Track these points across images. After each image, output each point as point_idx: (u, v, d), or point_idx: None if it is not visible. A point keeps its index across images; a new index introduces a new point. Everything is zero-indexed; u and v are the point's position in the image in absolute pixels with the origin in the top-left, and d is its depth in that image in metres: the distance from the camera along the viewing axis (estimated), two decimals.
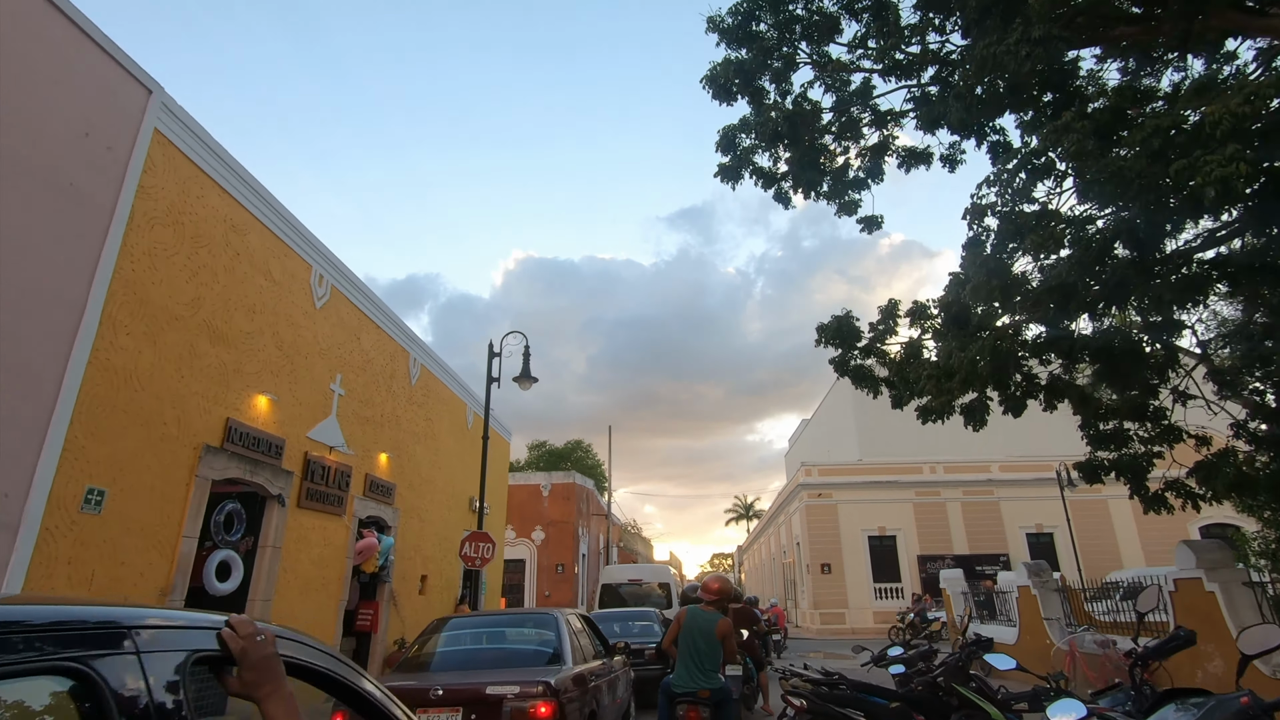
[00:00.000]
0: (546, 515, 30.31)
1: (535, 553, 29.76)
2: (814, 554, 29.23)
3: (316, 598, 9.69)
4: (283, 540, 8.87)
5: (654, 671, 9.62)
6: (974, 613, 12.32)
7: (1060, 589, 10.01)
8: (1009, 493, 29.95)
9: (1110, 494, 29.75)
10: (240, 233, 8.32)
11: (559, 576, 29.38)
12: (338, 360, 10.50)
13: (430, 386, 14.51)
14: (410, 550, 13.14)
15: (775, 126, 6.62)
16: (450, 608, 15.14)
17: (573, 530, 30.16)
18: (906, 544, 29.27)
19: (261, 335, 8.62)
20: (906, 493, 30.05)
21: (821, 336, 8.29)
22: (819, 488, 30.17)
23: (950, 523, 29.56)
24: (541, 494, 30.61)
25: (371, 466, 11.51)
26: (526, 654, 5.12)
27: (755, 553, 58.59)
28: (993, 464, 30.64)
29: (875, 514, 29.75)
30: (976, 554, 28.88)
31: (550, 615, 5.39)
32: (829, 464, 31.88)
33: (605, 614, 12.49)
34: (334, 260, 10.50)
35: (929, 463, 30.85)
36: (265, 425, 8.61)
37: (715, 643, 5.04)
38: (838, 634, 27.46)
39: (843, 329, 8.26)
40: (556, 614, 5.35)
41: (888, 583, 28.80)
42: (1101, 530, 28.88)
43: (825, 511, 29.86)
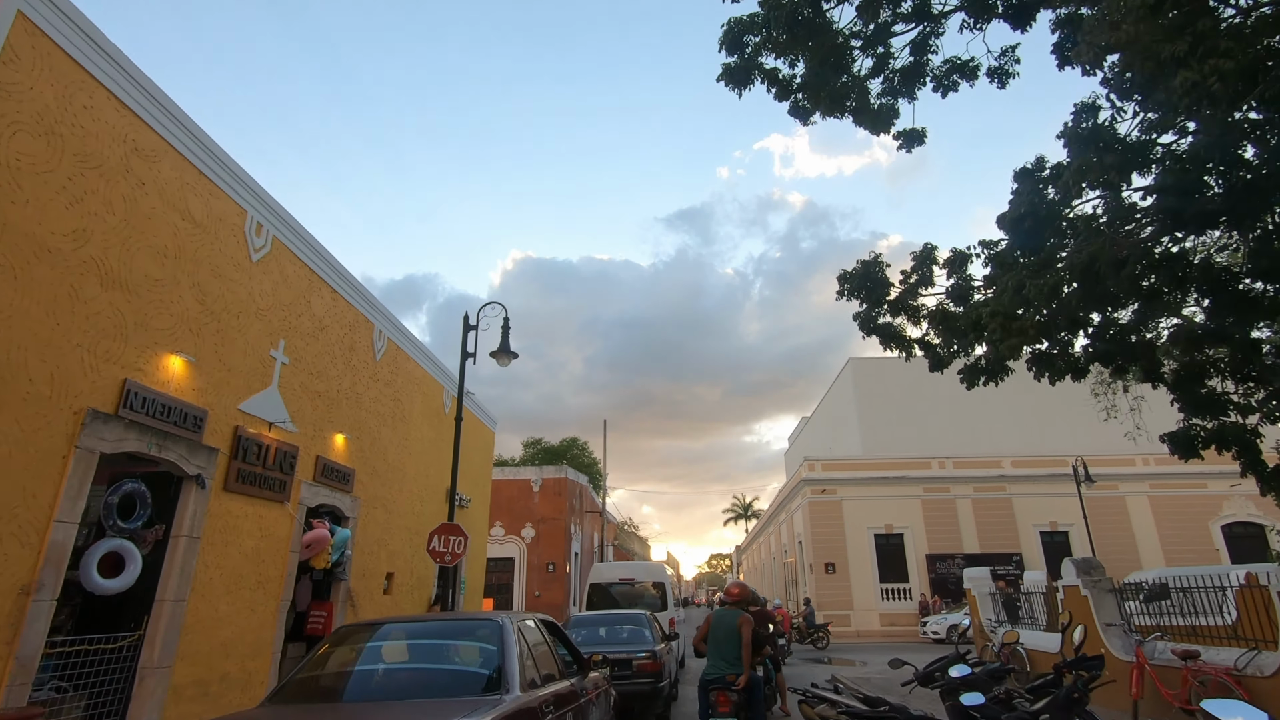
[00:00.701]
0: (537, 512, 28.93)
1: (525, 551, 28.37)
2: (817, 553, 27.86)
3: (250, 597, 8.29)
4: (202, 529, 7.47)
5: (644, 685, 8.24)
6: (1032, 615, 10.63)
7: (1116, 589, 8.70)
8: (1021, 489, 28.60)
9: (1128, 491, 28.44)
10: (147, 159, 6.93)
11: (550, 576, 27.99)
12: (281, 324, 9.11)
13: (400, 364, 13.11)
14: (373, 545, 11.74)
15: (793, 12, 5.27)
16: (422, 608, 13.75)
17: (564, 528, 28.78)
18: (914, 543, 27.91)
19: (176, 285, 7.23)
20: (914, 489, 28.69)
21: (844, 287, 6.93)
22: (822, 483, 28.80)
23: (960, 520, 28.21)
24: (532, 490, 29.23)
25: (324, 448, 10.11)
26: (457, 678, 3.68)
27: (754, 553, 57.21)
28: (1004, 459, 29.29)
29: (881, 511, 28.39)
30: (988, 553, 27.52)
31: (494, 622, 3.85)
32: (833, 458, 30.51)
33: (588, 617, 11.08)
34: (277, 208, 9.10)
35: (938, 458, 29.49)
36: (180, 391, 7.21)
37: (736, 634, 5.83)
38: (842, 637, 26.08)
39: (870, 277, 6.89)
40: (503, 620, 3.84)
41: (895, 583, 27.44)
42: (1119, 529, 27.54)
43: (829, 508, 28.49)
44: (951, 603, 26.49)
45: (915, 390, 39.31)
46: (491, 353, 12.10)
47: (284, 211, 9.26)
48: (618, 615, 10.85)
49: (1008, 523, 28.10)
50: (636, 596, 14.55)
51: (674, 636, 12.37)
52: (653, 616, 10.97)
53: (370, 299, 11.85)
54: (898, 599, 27.21)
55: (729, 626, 5.98)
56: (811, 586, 28.20)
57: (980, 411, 37.89)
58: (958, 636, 22.81)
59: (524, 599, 27.68)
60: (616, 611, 11.54)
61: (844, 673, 13.79)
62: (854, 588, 27.30)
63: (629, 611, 10.99)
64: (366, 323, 11.71)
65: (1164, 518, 27.88)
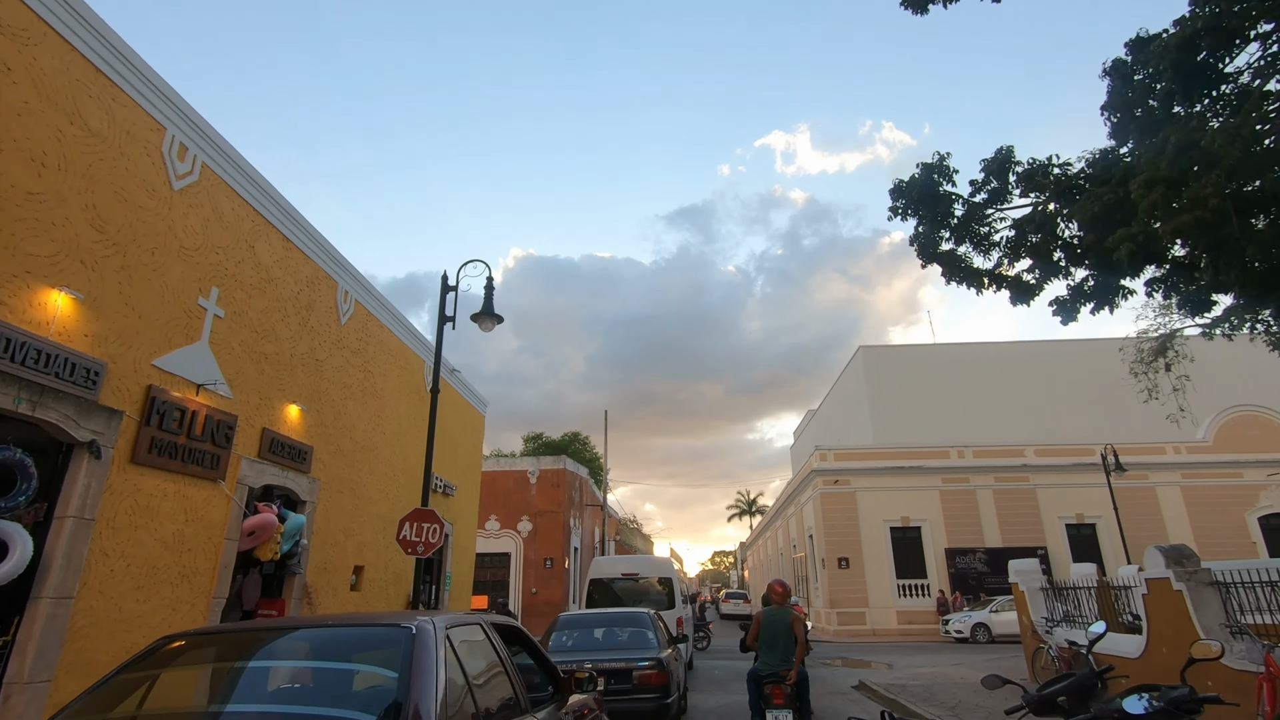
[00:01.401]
0: (534, 505, 27.51)
1: (521, 546, 26.96)
2: (830, 547, 26.39)
3: (171, 593, 6.86)
4: (98, 509, 6.03)
5: (648, 701, 6.78)
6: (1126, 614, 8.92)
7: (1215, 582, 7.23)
8: (1046, 479, 27.08)
9: (1159, 480, 26.91)
10: (16, 39, 5.47)
11: (547, 572, 26.58)
12: (214, 269, 7.65)
13: (371, 332, 11.66)
14: (338, 534, 10.30)
15: None
16: (397, 606, 12.30)
17: (563, 521, 27.36)
18: (933, 536, 26.43)
19: (62, 204, 5.78)
20: (932, 479, 27.20)
21: (898, 202, 5.47)
22: (835, 473, 27.32)
23: (981, 512, 26.71)
24: (529, 481, 27.80)
25: (273, 419, 8.67)
26: None
27: (760, 549, 55.77)
28: (1027, 448, 27.78)
29: (897, 503, 26.91)
30: (1011, 547, 26.02)
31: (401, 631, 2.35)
32: (846, 447, 29.02)
33: (579, 617, 9.57)
34: (209, 131, 7.64)
35: (957, 446, 27.98)
36: (66, 336, 5.77)
37: (789, 632, 6.26)
38: (857, 635, 24.63)
39: (927, 191, 5.40)
40: (418, 626, 2.42)
41: (912, 579, 25.97)
42: (1150, 520, 26.02)
43: (842, 500, 27.01)
44: (973, 599, 25.04)
45: (929, 378, 37.83)
46: (473, 316, 10.64)
47: (219, 137, 7.80)
48: (615, 615, 9.31)
49: (1031, 515, 26.61)
50: (640, 593, 13.33)
51: (682, 639, 11.10)
52: (657, 616, 9.50)
53: (334, 254, 10.39)
54: (915, 595, 25.74)
55: (782, 624, 6.34)
56: (824, 582, 26.75)
57: (997, 400, 36.42)
58: (985, 636, 21.36)
59: (521, 596, 26.28)
60: (614, 610, 10.00)
61: (872, 677, 12.33)
62: (869, 584, 25.84)
63: (629, 610, 9.45)
64: (329, 280, 10.26)
65: (1197, 509, 26.36)
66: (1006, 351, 38.44)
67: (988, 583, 25.48)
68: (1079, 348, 38.34)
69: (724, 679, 13.41)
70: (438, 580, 14.61)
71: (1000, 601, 22.14)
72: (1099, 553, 26.18)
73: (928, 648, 20.32)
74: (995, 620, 21.48)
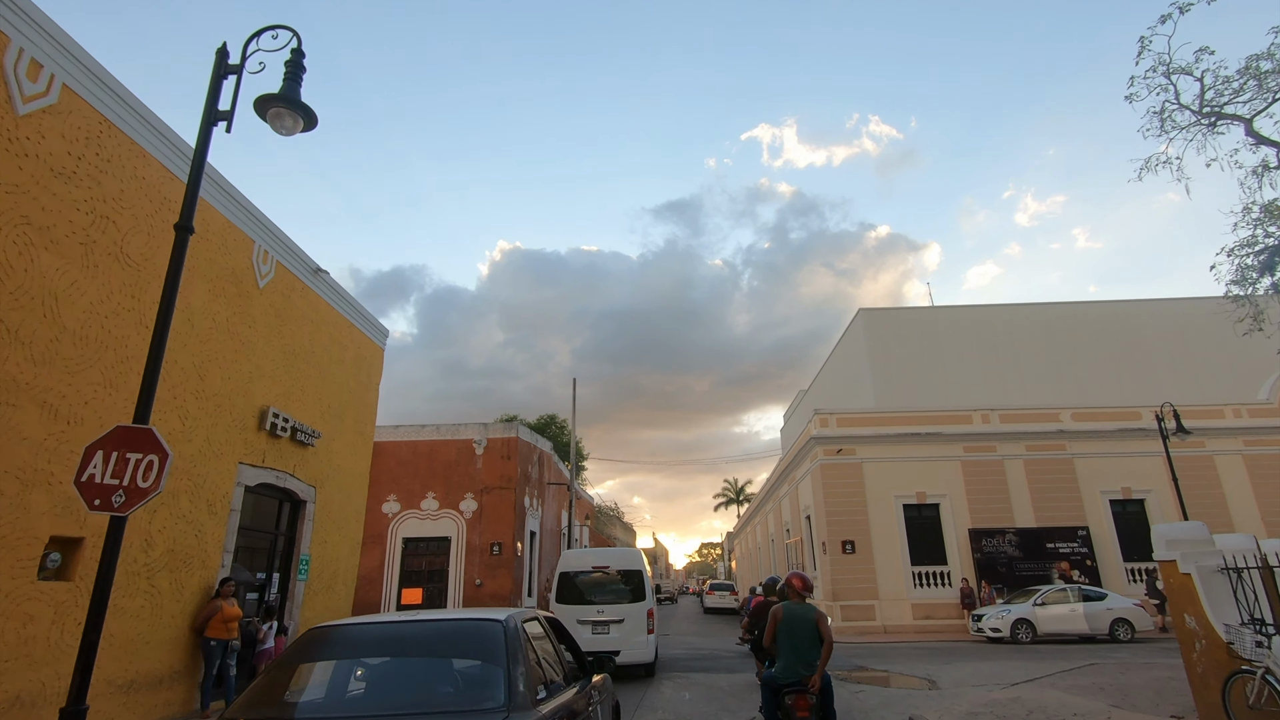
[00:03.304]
0: (481, 480, 23.05)
1: (464, 528, 22.49)
2: (832, 528, 22.15)
3: None
4: None
5: None
6: None
7: None
8: (1085, 448, 22.96)
9: (1217, 449, 22.85)
10: None
11: (494, 560, 22.14)
12: None
13: (115, 155, 7.12)
14: (10, 483, 5.82)
15: None
16: (175, 603, 7.81)
17: (515, 500, 22.90)
18: (954, 514, 22.25)
19: None
20: (952, 448, 23.00)
21: None
22: (838, 441, 23.05)
23: (1010, 487, 22.56)
24: (474, 452, 23.32)
25: None
26: None
27: (748, 537, 51.65)
28: (1062, 411, 23.63)
29: (912, 476, 22.70)
30: (1046, 526, 21.93)
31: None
32: (850, 411, 24.74)
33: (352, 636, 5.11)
34: None
35: (980, 409, 23.78)
36: None
37: (817, 633, 5.47)
38: (865, 634, 20.42)
39: None
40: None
41: (930, 565, 21.79)
42: (1209, 495, 21.99)
43: (847, 473, 22.76)
44: (1003, 589, 20.91)
45: (938, 344, 33.72)
46: (261, 98, 6.08)
47: None
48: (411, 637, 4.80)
49: (1069, 489, 22.49)
50: (609, 585, 12.80)
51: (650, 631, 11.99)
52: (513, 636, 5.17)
53: None
54: (934, 585, 21.58)
55: (805, 622, 5.52)
56: (824, 571, 22.51)
57: (1014, 366, 32.37)
58: (1028, 634, 17.18)
59: (461, 588, 21.83)
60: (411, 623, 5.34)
61: (926, 710, 8.00)
62: (879, 572, 21.64)
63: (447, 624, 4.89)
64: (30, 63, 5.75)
65: (1262, 480, 22.36)
66: (1022, 314, 34.38)
67: (1019, 569, 21.36)
68: (1099, 310, 34.40)
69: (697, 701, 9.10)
70: (286, 566, 10.13)
71: (1047, 592, 17.99)
72: (1149, 533, 22.08)
73: (959, 650, 16.12)
74: (1042, 615, 17.33)
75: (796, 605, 5.62)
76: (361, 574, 22.10)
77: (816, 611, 5.57)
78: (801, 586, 5.75)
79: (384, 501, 22.71)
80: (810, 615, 5.52)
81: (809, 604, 5.65)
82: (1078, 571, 21.24)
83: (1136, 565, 21.63)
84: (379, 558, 22.13)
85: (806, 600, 5.76)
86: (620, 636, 11.81)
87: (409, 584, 22.02)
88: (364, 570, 21.99)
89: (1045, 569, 21.32)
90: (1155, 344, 32.98)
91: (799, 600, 5.70)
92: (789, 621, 5.54)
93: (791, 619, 5.54)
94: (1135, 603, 17.69)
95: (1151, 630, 17.52)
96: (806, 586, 5.78)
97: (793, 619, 5.54)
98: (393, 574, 22.02)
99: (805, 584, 5.78)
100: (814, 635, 5.46)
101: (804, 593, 5.75)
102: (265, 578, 9.56)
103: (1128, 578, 21.46)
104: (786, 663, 5.43)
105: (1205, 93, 13.79)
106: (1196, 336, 32.18)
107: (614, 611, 12.11)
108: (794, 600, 5.70)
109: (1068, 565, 21.38)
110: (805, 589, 5.75)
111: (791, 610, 5.59)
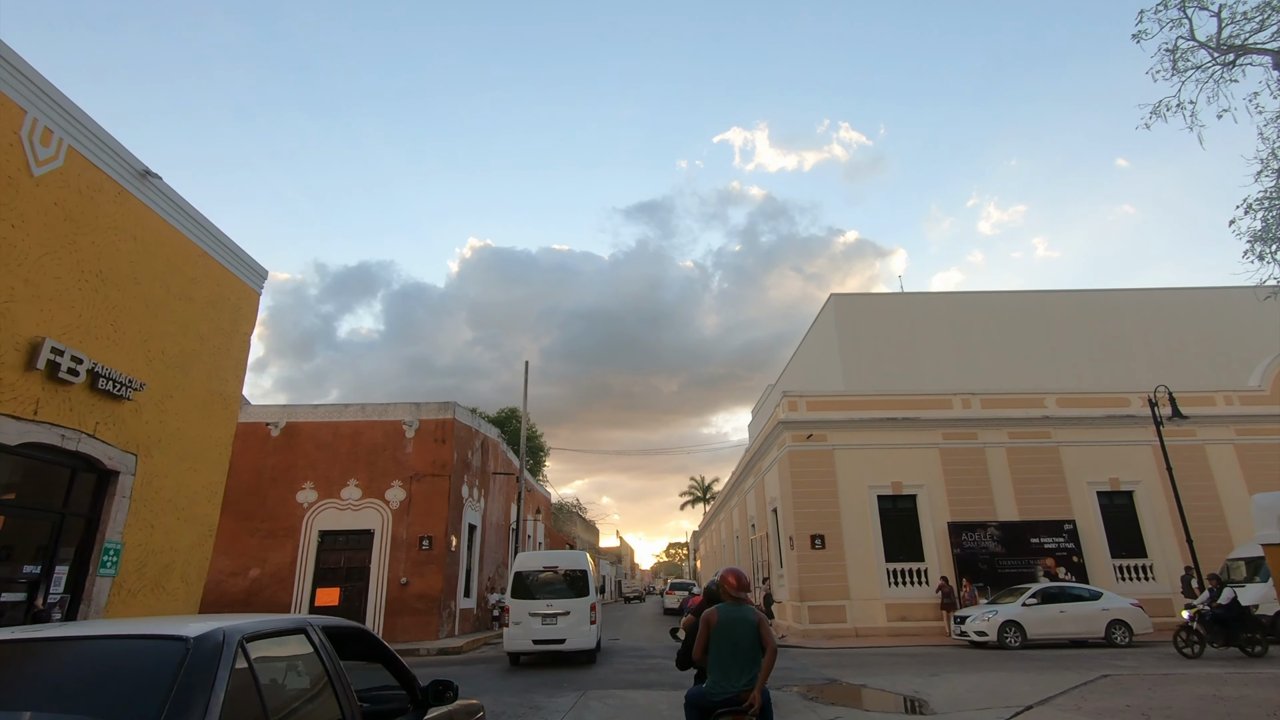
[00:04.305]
0: (411, 465, 20.55)
1: (389, 520, 19.97)
2: (800, 522, 20.14)
3: None
4: None
5: None
6: None
7: None
8: (1071, 435, 21.34)
9: (1208, 438, 21.37)
10: None
11: (424, 555, 19.67)
12: None
13: None
14: None
15: None
16: None
17: (450, 489, 20.44)
18: (932, 506, 20.42)
19: None
20: (930, 435, 21.18)
21: None
22: (808, 426, 21.06)
23: (992, 477, 20.82)
24: (404, 435, 20.81)
25: None
26: None
27: (712, 535, 49.71)
28: (1047, 397, 21.98)
29: (887, 464, 20.82)
30: (1030, 520, 20.20)
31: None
32: (822, 394, 22.77)
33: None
34: None
35: (961, 394, 22.02)
36: None
37: (757, 639, 4.56)
38: (835, 637, 18.44)
39: None
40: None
41: (906, 562, 19.91)
42: (1200, 486, 20.51)
43: (817, 461, 20.78)
44: (987, 588, 19.13)
45: (910, 329, 32.06)
46: None
47: None
48: None
49: (1054, 480, 20.82)
50: (557, 583, 14.67)
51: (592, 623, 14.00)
52: None
53: None
54: (910, 583, 19.71)
55: (744, 628, 4.57)
56: (791, 568, 20.51)
57: (988, 353, 30.83)
58: (1018, 638, 15.31)
59: (385, 588, 19.31)
60: None
61: None
62: (850, 569, 19.69)
63: None
64: None
65: (1256, 472, 20.96)
66: (997, 302, 32.91)
67: (1002, 566, 19.60)
68: (1075, 299, 33.10)
69: None
70: (82, 557, 7.62)
71: (1037, 590, 16.18)
72: (1138, 528, 20.58)
73: (943, 657, 14.19)
74: (1032, 617, 15.48)
75: (733, 608, 4.71)
76: (271, 571, 19.44)
77: (756, 613, 4.69)
78: (737, 585, 4.80)
79: (299, 489, 20.06)
80: (749, 618, 4.64)
81: (747, 605, 4.72)
82: (1064, 569, 19.54)
83: (1126, 562, 20.02)
84: (291, 553, 19.49)
85: (745, 602, 4.74)
86: (566, 627, 13.82)
87: (325, 583, 19.43)
88: (274, 567, 19.34)
89: (1029, 566, 19.58)
90: (1133, 333, 31.76)
91: (735, 602, 4.75)
92: (724, 627, 4.62)
93: (727, 624, 4.64)
94: (1133, 602, 15.96)
95: (1150, 633, 15.81)
96: (743, 585, 4.82)
97: (729, 624, 4.64)
98: (306, 572, 19.40)
99: (741, 582, 4.83)
100: (754, 642, 4.57)
101: (740, 593, 4.79)
102: (39, 572, 7.05)
103: (1116, 575, 19.84)
104: (720, 677, 4.55)
105: (1223, 28, 12.11)
106: (1174, 327, 31.06)
107: (561, 605, 14.05)
108: (729, 602, 4.75)
109: (1053, 562, 19.68)
110: (741, 588, 4.81)
111: (727, 614, 4.67)
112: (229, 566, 19.17)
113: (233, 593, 18.96)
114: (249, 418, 20.69)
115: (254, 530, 19.55)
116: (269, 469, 20.17)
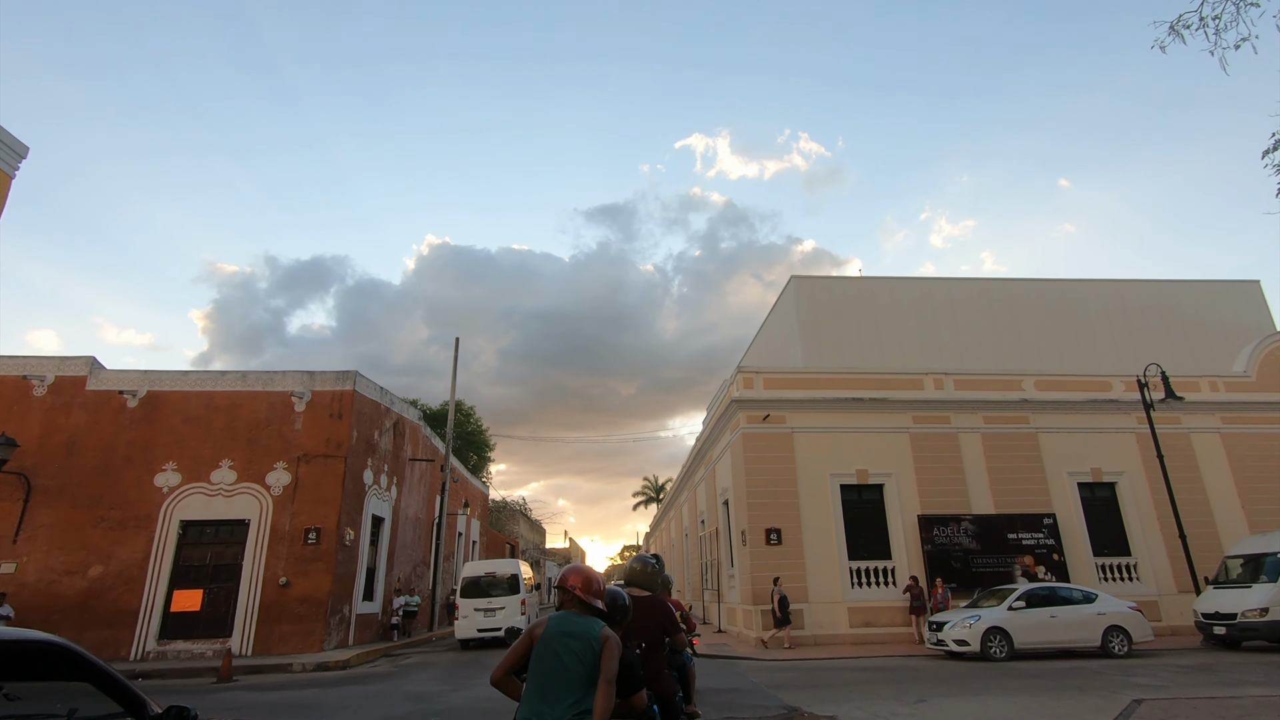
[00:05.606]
0: (299, 444, 17.37)
1: (270, 508, 16.75)
2: (754, 514, 17.66)
3: None
4: None
5: None
6: None
7: None
8: (1050, 421, 19.40)
9: (1194, 426, 19.65)
10: None
11: (309, 550, 16.51)
12: None
13: None
14: None
15: None
16: None
17: (343, 471, 17.32)
18: (901, 497, 18.19)
19: None
20: (900, 418, 18.97)
21: None
22: (765, 405, 18.63)
23: (966, 465, 18.71)
24: (293, 408, 17.61)
25: None
26: None
27: (662, 534, 47.17)
28: (1025, 379, 20.02)
29: (851, 450, 18.52)
30: (1006, 514, 18.14)
31: None
32: (781, 370, 20.36)
33: None
34: None
35: (933, 374, 19.88)
36: None
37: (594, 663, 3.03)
38: (794, 645, 15.95)
39: None
40: None
41: (872, 560, 17.61)
42: (1186, 478, 18.77)
43: (773, 444, 18.35)
44: (956, 588, 16.95)
45: (874, 314, 30.07)
46: None
47: None
48: None
49: (1033, 470, 18.83)
50: (496, 584, 19.09)
51: None
52: None
53: None
54: (877, 584, 17.40)
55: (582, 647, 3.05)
56: (743, 567, 18.01)
57: (953, 339, 29.01)
58: (1004, 649, 13.01)
59: (260, 589, 16.08)
60: None
61: None
62: (810, 568, 17.29)
63: None
64: None
65: (1243, 462, 19.37)
66: (962, 288, 31.19)
67: (976, 564, 17.46)
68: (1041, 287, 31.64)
69: None
70: None
71: (1025, 591, 13.97)
72: (1121, 522, 18.70)
73: (920, 673, 11.82)
74: (1019, 623, 13.25)
75: (573, 618, 3.17)
76: (117, 570, 15.96)
77: (603, 630, 3.14)
78: (583, 588, 3.32)
79: (158, 471, 16.69)
80: (593, 634, 3.09)
81: (592, 620, 3.18)
82: (1044, 568, 17.50)
83: (1109, 560, 18.09)
84: (144, 547, 16.10)
85: (590, 614, 3.25)
86: (503, 617, 18.44)
87: (185, 583, 16.10)
88: (121, 565, 15.91)
89: (1006, 564, 17.49)
90: (1098, 324, 30.43)
91: (580, 610, 3.26)
92: (550, 643, 3.08)
93: (557, 639, 3.09)
94: (1131, 606, 13.89)
95: (1150, 641, 13.75)
96: (591, 589, 3.34)
97: (558, 639, 3.09)
98: (162, 570, 16.04)
99: (589, 585, 3.35)
100: (590, 668, 3.00)
101: (588, 599, 3.30)
102: None
103: (1099, 575, 17.89)
104: (533, 709, 2.95)
105: None
106: (1141, 319, 29.79)
107: (499, 601, 18.68)
108: (571, 609, 3.27)
109: (1032, 560, 17.63)
110: (589, 593, 3.32)
111: (561, 626, 3.14)
112: (63, 564, 15.68)
113: (66, 595, 15.48)
114: (100, 384, 17.21)
115: (98, 520, 16.09)
116: (122, 446, 16.73)
